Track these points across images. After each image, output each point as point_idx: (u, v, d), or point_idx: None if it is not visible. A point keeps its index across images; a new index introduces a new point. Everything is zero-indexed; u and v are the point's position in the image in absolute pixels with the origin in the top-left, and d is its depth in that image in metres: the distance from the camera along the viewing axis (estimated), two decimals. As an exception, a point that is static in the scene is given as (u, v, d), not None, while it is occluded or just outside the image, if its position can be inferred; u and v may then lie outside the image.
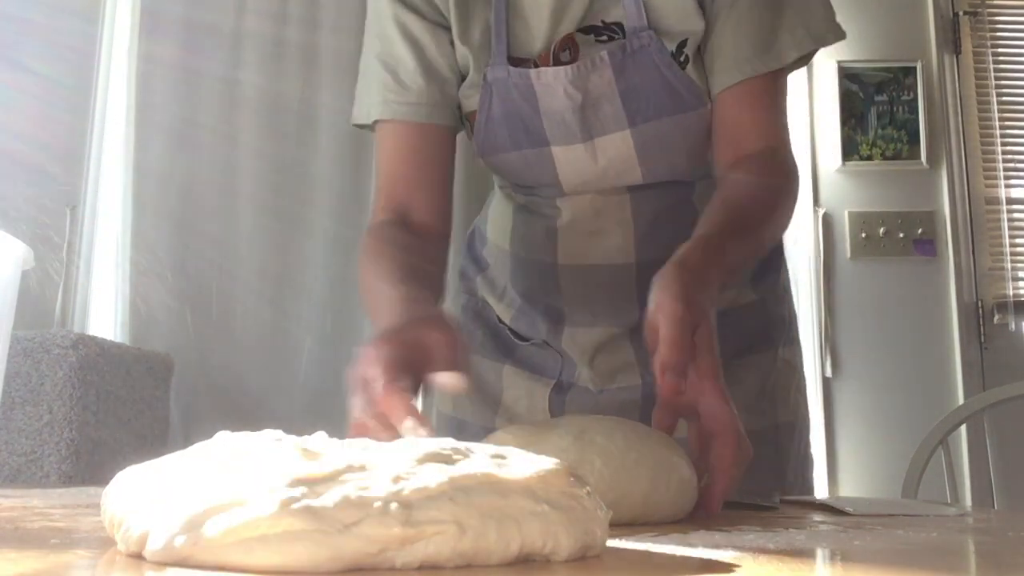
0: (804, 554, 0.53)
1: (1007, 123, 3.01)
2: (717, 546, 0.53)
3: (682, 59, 1.00)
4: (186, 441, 1.56)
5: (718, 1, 1.00)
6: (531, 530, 0.43)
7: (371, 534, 0.39)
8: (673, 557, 0.49)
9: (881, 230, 2.88)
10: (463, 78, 1.08)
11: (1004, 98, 3.01)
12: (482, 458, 0.47)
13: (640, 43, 0.99)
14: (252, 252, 2.67)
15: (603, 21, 1.01)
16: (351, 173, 2.72)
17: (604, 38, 1.01)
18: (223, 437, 0.48)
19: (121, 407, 2.16)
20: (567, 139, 1.02)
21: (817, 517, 0.77)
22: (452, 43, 1.07)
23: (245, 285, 2.66)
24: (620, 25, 1.00)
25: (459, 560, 0.41)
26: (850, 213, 2.89)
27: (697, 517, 0.73)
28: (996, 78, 3.01)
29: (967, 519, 0.79)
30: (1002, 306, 2.89)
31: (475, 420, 1.15)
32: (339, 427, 0.65)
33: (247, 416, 2.47)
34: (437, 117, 1.07)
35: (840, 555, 0.53)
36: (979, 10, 3.04)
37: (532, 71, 1.01)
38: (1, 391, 0.71)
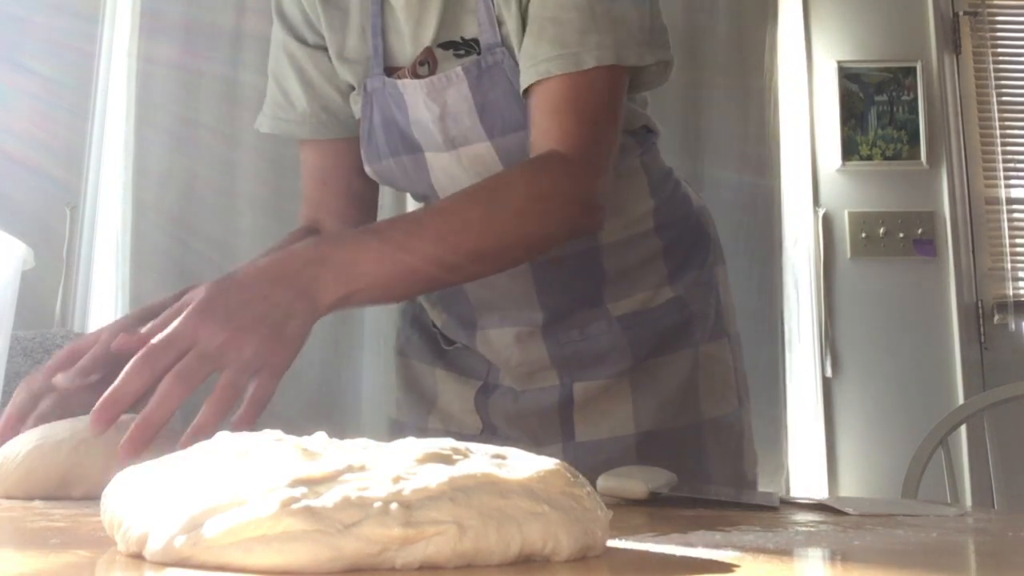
0: (804, 554, 0.53)
1: (1007, 123, 3.01)
2: (717, 546, 0.53)
3: None
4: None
5: (532, 7, 0.99)
6: (531, 530, 0.43)
7: (371, 534, 0.39)
8: (673, 557, 0.49)
9: (881, 230, 2.88)
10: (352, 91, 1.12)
11: (1004, 98, 3.01)
12: (482, 458, 0.47)
13: (494, 59, 1.00)
14: (252, 252, 2.66)
15: (462, 37, 1.03)
16: (351, 173, 2.72)
17: (462, 52, 1.03)
18: (223, 437, 0.48)
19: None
20: (434, 147, 1.05)
21: (817, 517, 0.77)
22: (327, 56, 1.12)
23: (245, 285, 2.66)
24: (478, 41, 1.02)
25: (459, 560, 0.41)
26: (850, 213, 2.89)
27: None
28: (996, 78, 3.01)
29: (967, 519, 0.79)
30: (1002, 306, 2.89)
31: (411, 421, 1.18)
32: (339, 427, 0.66)
33: (247, 416, 2.47)
34: (323, 133, 1.13)
35: (840, 555, 0.53)
36: (979, 10, 3.04)
37: (399, 81, 1.04)
38: (1, 391, 0.71)
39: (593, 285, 1.10)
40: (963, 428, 2.31)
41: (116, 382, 0.75)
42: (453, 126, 1.03)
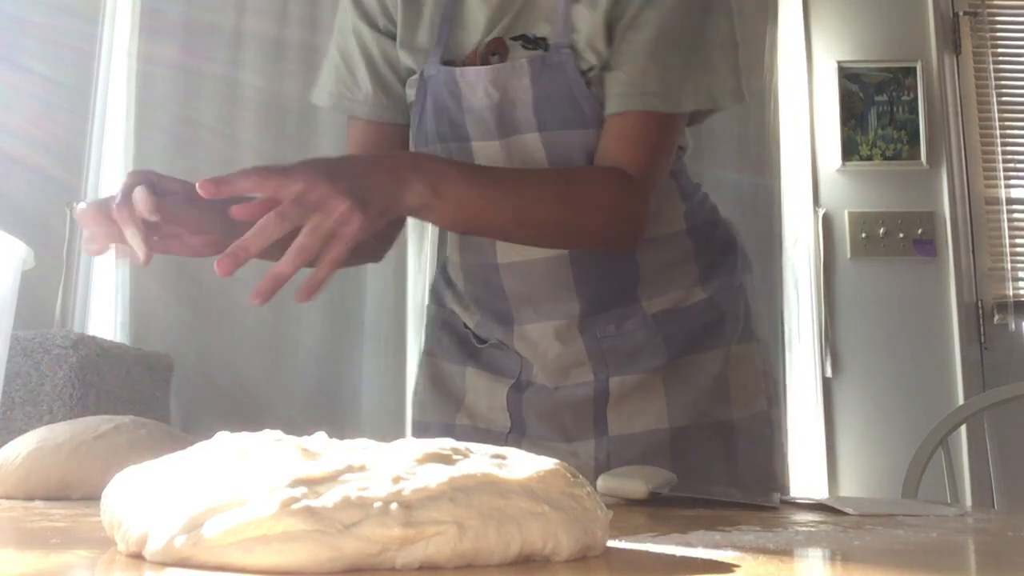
0: (804, 554, 0.53)
1: (1007, 123, 3.01)
2: (717, 546, 0.53)
3: (587, 81, 1.07)
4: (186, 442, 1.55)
5: (632, 31, 1.06)
6: (531, 530, 0.43)
7: (371, 534, 0.39)
8: (673, 557, 0.49)
9: (881, 230, 2.88)
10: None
11: (1004, 98, 3.01)
12: (482, 458, 0.47)
13: (559, 57, 1.07)
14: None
15: (533, 34, 1.09)
16: (351, 173, 2.72)
17: (530, 47, 1.09)
18: (223, 437, 0.48)
19: (121, 407, 2.16)
20: (484, 135, 1.09)
21: (817, 517, 0.77)
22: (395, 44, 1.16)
23: (245, 285, 2.65)
24: (545, 40, 1.08)
25: (459, 561, 0.41)
26: (850, 213, 2.89)
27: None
28: (996, 78, 3.01)
29: (967, 519, 0.79)
30: (1002, 306, 2.89)
31: (437, 419, 1.20)
32: (339, 427, 0.66)
33: (247, 416, 2.47)
34: (383, 116, 1.18)
35: (840, 555, 0.53)
36: (979, 10, 3.03)
37: (458, 69, 1.09)
38: (1, 391, 0.71)
39: (628, 280, 1.14)
40: (963, 428, 2.31)
41: (250, 233, 0.85)
42: (509, 114, 1.08)
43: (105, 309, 2.67)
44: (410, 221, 2.72)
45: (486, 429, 1.15)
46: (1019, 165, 3.00)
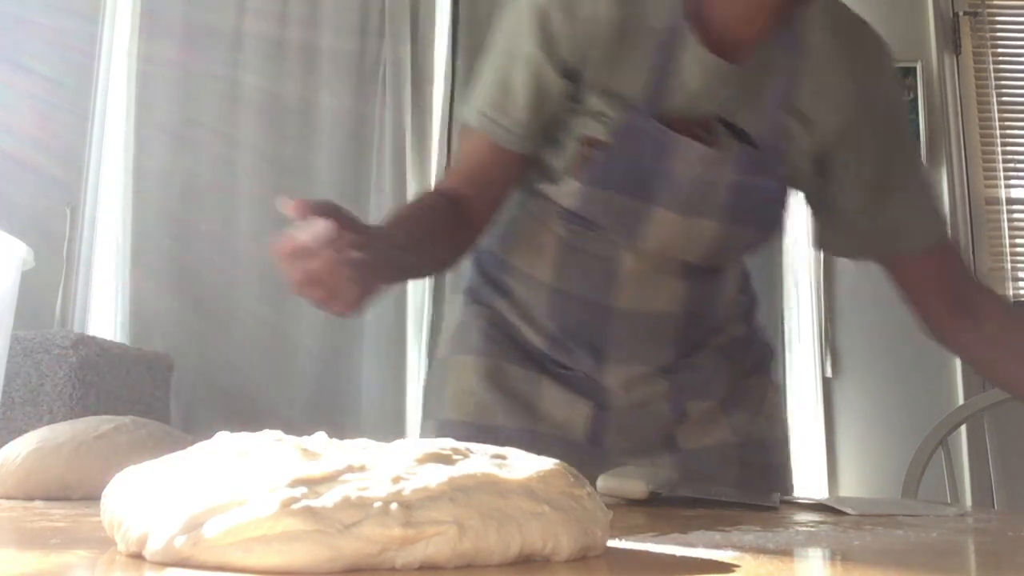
0: (804, 554, 0.53)
1: (1007, 123, 3.01)
2: (717, 546, 0.53)
3: (786, 185, 1.15)
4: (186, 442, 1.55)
5: (900, 178, 1.18)
6: (531, 530, 0.43)
7: (371, 534, 0.39)
8: (673, 557, 0.49)
9: (881, 230, 2.88)
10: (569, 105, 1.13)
11: (1004, 98, 3.01)
12: (482, 458, 0.47)
13: (768, 161, 1.11)
14: (252, 252, 2.67)
15: (739, 126, 1.10)
16: (351, 173, 2.72)
17: (735, 137, 1.10)
18: (223, 437, 0.48)
19: (121, 407, 2.16)
20: (670, 205, 1.09)
21: (817, 517, 0.77)
22: (577, 81, 1.11)
23: (245, 285, 2.66)
24: (748, 135, 1.10)
25: (459, 561, 0.41)
26: (850, 213, 2.89)
27: None
28: (996, 78, 3.01)
29: (967, 519, 0.79)
30: (1002, 306, 2.89)
31: (510, 424, 1.17)
32: (339, 427, 0.66)
33: (247, 416, 2.47)
34: (523, 148, 1.14)
35: (840, 555, 0.53)
36: (979, 10, 3.03)
37: (673, 134, 1.07)
38: (1, 391, 0.71)
39: (710, 329, 1.23)
40: (963, 428, 2.31)
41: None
42: (702, 195, 1.09)
43: (105, 309, 2.67)
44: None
45: (566, 439, 1.17)
46: (1019, 165, 3.00)
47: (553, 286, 1.18)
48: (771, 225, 1.15)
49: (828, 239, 1.27)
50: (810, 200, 1.23)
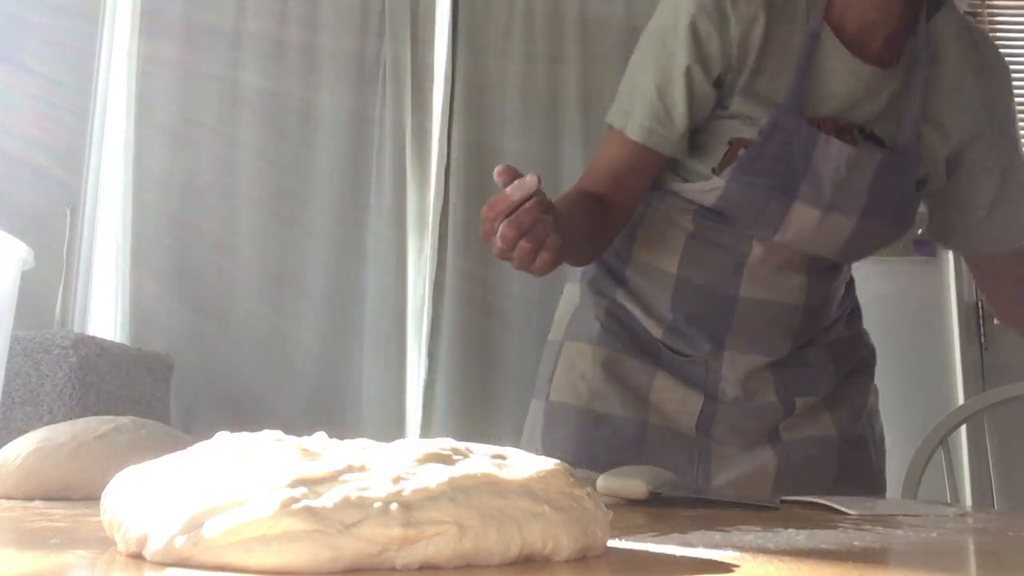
0: (804, 554, 0.53)
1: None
2: (717, 546, 0.53)
3: (915, 187, 1.21)
4: (186, 442, 1.55)
5: (1008, 184, 1.26)
6: (531, 531, 0.43)
7: (371, 534, 0.39)
8: (673, 557, 0.49)
9: (881, 230, 2.88)
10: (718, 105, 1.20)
11: (1004, 98, 3.01)
12: (482, 458, 0.47)
13: (902, 160, 1.18)
14: (252, 252, 2.67)
15: (873, 132, 1.18)
16: (351, 173, 2.72)
17: (870, 141, 1.18)
18: (223, 437, 0.48)
19: (121, 407, 2.16)
20: (812, 201, 1.16)
21: (817, 517, 0.77)
22: (723, 87, 1.18)
23: (245, 285, 2.66)
24: (882, 140, 1.18)
25: (459, 561, 0.41)
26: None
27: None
28: (996, 78, 3.01)
29: (967, 519, 0.79)
30: (1002, 306, 2.88)
31: (621, 413, 1.22)
32: (339, 427, 0.66)
33: (247, 416, 2.47)
34: (675, 152, 1.21)
35: (840, 555, 0.53)
36: (979, 10, 3.03)
37: (823, 135, 1.14)
38: (1, 391, 0.71)
39: (822, 325, 1.29)
40: (963, 428, 2.31)
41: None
42: (844, 192, 1.16)
43: (105, 309, 2.67)
44: (409, 221, 2.73)
45: (674, 430, 1.22)
46: None
47: (678, 276, 1.24)
48: (902, 223, 1.22)
49: (939, 229, 1.33)
50: (933, 195, 1.29)
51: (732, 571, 0.44)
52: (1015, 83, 1.34)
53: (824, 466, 1.22)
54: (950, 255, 2.87)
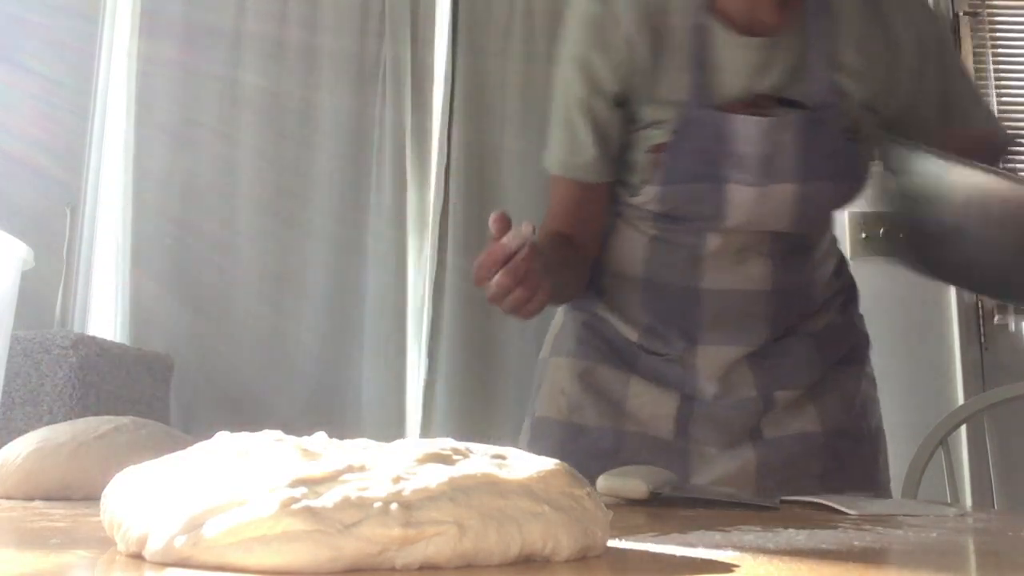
0: (804, 554, 0.53)
1: (1007, 123, 3.00)
2: (717, 546, 0.53)
3: (848, 139, 1.17)
4: (186, 442, 1.55)
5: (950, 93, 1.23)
6: (531, 531, 0.43)
7: (371, 534, 0.39)
8: (673, 557, 0.49)
9: (881, 230, 2.88)
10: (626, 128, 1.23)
11: (1004, 98, 3.01)
12: (482, 458, 0.47)
13: (824, 115, 1.16)
14: (252, 252, 2.67)
15: (789, 97, 1.17)
16: (351, 173, 2.72)
17: (787, 105, 1.17)
18: (223, 437, 0.48)
19: (121, 407, 2.16)
20: (744, 180, 1.16)
21: (817, 517, 0.77)
22: (627, 104, 1.22)
23: (245, 285, 2.66)
24: (801, 103, 1.17)
25: (459, 561, 0.41)
26: (850, 213, 2.89)
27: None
28: (996, 78, 3.01)
29: (967, 519, 0.79)
30: (1002, 307, 2.88)
31: (597, 423, 1.25)
32: (339, 427, 0.66)
33: (247, 416, 2.47)
34: (600, 177, 1.25)
35: (840, 555, 0.53)
36: (979, 10, 3.03)
37: (728, 115, 1.15)
38: (1, 391, 0.71)
39: (804, 310, 1.26)
40: (963, 428, 2.31)
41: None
42: (772, 164, 1.15)
43: (105, 309, 2.67)
44: (409, 221, 2.73)
45: (651, 436, 1.21)
46: (1019, 166, 3.00)
47: (644, 278, 1.25)
48: (847, 178, 1.19)
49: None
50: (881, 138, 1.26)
51: (732, 571, 0.44)
52: (1016, 86, 1.35)
53: (807, 463, 1.20)
54: (950, 255, 2.87)
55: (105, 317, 2.65)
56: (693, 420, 1.21)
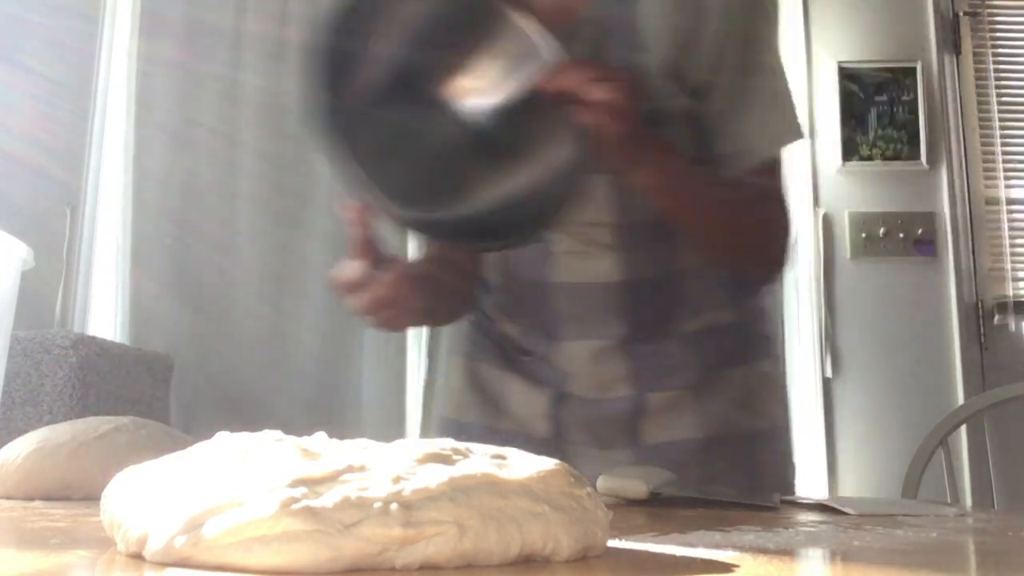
0: (804, 554, 0.53)
1: (1007, 123, 3.01)
2: (717, 546, 0.53)
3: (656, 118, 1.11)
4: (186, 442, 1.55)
5: (723, 88, 1.13)
6: (531, 531, 0.43)
7: (371, 535, 0.39)
8: (673, 557, 0.49)
9: (881, 230, 2.88)
10: None
11: (1004, 98, 3.01)
12: (482, 458, 0.47)
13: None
14: (252, 252, 2.67)
15: None
16: (351, 173, 2.72)
17: None
18: (223, 437, 0.48)
19: (121, 407, 2.16)
20: None
21: (817, 517, 0.77)
22: None
23: (245, 285, 2.66)
24: None
25: (459, 561, 0.41)
26: (850, 213, 2.89)
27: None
28: (996, 78, 3.01)
29: (967, 519, 0.79)
30: (1002, 306, 2.89)
31: (478, 422, 1.24)
32: (339, 427, 0.66)
33: (247, 416, 2.47)
34: None
35: (840, 555, 0.53)
36: (979, 10, 3.03)
37: None
38: (1, 391, 0.71)
39: (671, 305, 1.20)
40: (963, 428, 2.31)
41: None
42: None
43: (105, 309, 2.67)
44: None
45: (528, 435, 1.19)
46: (1019, 165, 3.00)
47: (512, 273, 1.22)
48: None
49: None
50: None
51: (732, 571, 0.44)
52: (1016, 86, 1.31)
53: (684, 471, 1.09)
54: (950, 255, 2.88)
55: (105, 317, 2.66)
56: (566, 419, 1.19)
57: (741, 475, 1.16)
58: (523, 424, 1.21)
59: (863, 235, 2.87)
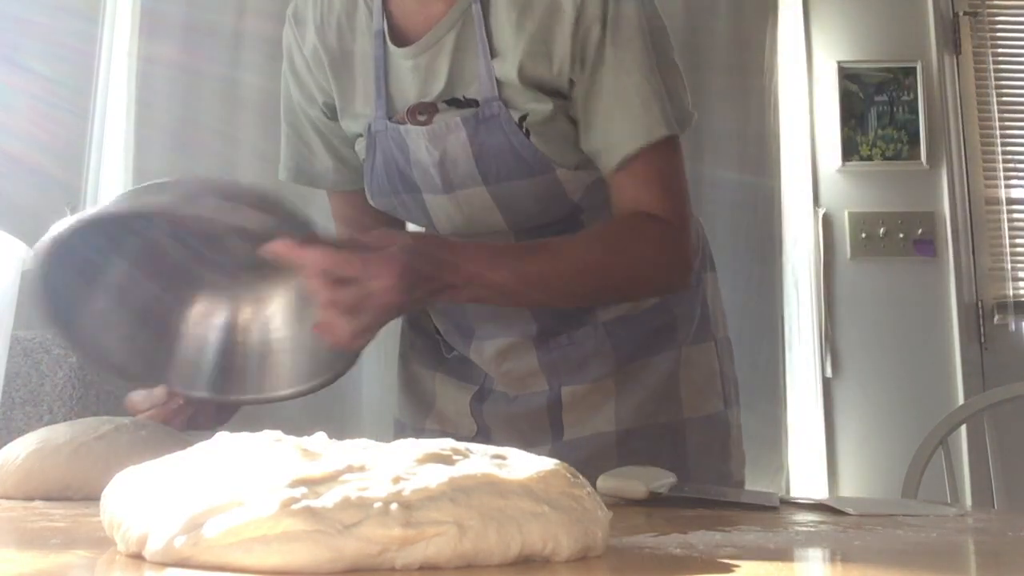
0: (804, 554, 0.53)
1: (1007, 123, 3.00)
2: (717, 546, 0.53)
3: (524, 131, 1.09)
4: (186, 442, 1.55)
5: (590, 99, 1.08)
6: (531, 531, 0.43)
7: (371, 535, 0.39)
8: (673, 557, 0.49)
9: (881, 230, 2.88)
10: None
11: (1004, 98, 3.01)
12: (482, 459, 0.47)
13: (491, 111, 1.08)
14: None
15: (464, 96, 1.11)
16: (351, 173, 2.72)
17: (463, 107, 1.11)
18: (223, 437, 0.48)
19: (121, 408, 2.16)
20: (432, 189, 1.13)
21: (817, 517, 0.77)
22: (334, 119, 1.22)
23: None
24: (476, 100, 1.10)
25: (459, 561, 0.41)
26: (850, 213, 2.89)
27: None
28: (996, 78, 3.01)
29: (967, 519, 0.79)
30: (1002, 306, 2.89)
31: (410, 422, 1.27)
32: (339, 427, 0.66)
33: (247, 416, 2.47)
34: (342, 185, 1.27)
35: (840, 555, 0.53)
36: (979, 10, 3.03)
37: (403, 127, 1.12)
38: (1, 391, 0.71)
39: None
40: (963, 428, 2.31)
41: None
42: (452, 171, 1.11)
43: (105, 309, 2.66)
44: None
45: (454, 434, 1.16)
46: (1019, 165, 3.00)
47: None
48: (536, 173, 1.09)
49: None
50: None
51: (732, 571, 0.44)
52: (1016, 86, 1.29)
53: (600, 464, 1.03)
54: (950, 255, 2.88)
55: (105, 317, 2.65)
56: (488, 417, 1.20)
57: (664, 464, 1.06)
58: (449, 423, 1.22)
59: (863, 235, 2.87)
